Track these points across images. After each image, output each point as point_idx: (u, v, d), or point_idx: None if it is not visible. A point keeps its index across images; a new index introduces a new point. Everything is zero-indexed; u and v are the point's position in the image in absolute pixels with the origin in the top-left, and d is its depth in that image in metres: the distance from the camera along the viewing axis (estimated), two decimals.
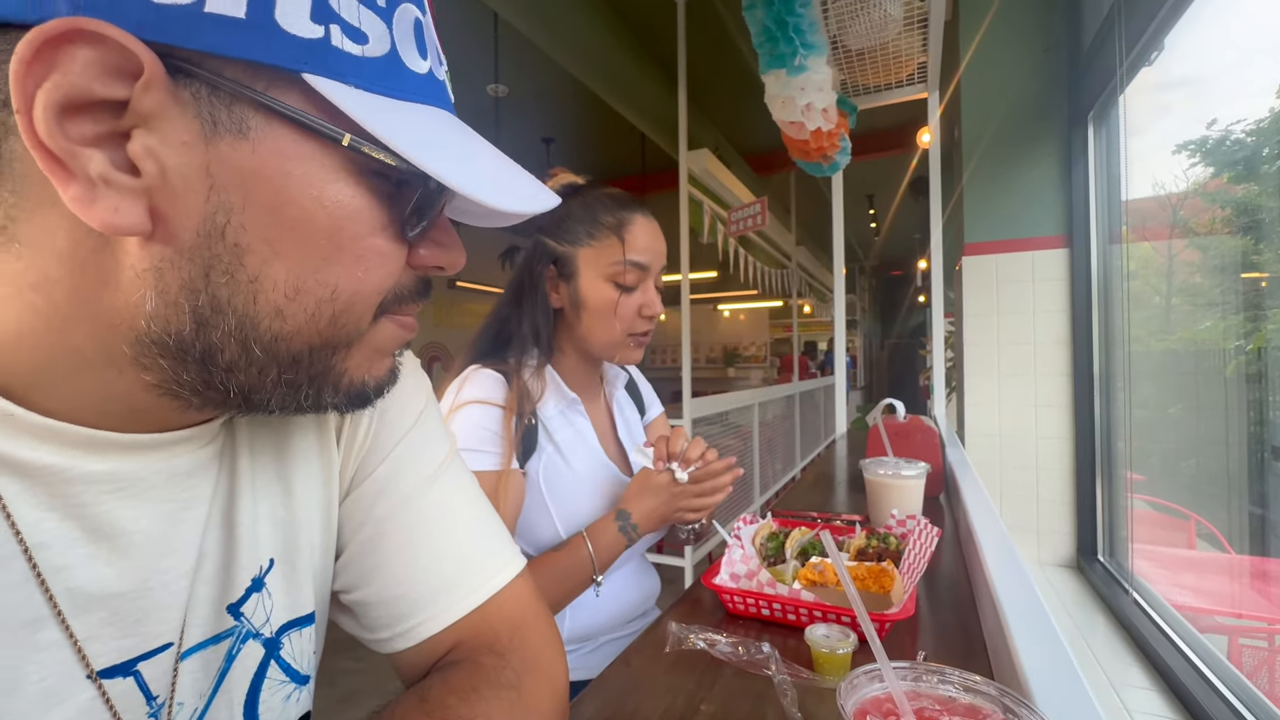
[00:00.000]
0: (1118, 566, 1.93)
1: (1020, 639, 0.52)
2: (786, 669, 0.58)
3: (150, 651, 0.33)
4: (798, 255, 5.66)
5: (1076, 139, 2.03)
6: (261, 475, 0.40)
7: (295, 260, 0.29)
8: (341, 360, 0.33)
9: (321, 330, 0.31)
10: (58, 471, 0.29)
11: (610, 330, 0.87)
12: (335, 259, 0.30)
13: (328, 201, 0.29)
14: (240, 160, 0.27)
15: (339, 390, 0.34)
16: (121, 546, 0.32)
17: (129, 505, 0.32)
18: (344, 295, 0.31)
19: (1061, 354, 2.08)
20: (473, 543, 0.47)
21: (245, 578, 0.38)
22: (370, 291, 0.32)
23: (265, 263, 0.29)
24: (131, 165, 0.26)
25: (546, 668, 0.45)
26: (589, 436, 0.91)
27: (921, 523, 0.73)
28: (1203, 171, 1.76)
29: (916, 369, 9.48)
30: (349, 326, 0.32)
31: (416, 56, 0.31)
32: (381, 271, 0.32)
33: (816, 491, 1.47)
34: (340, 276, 0.30)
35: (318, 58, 0.27)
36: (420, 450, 0.47)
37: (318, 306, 0.30)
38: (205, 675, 0.36)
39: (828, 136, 1.69)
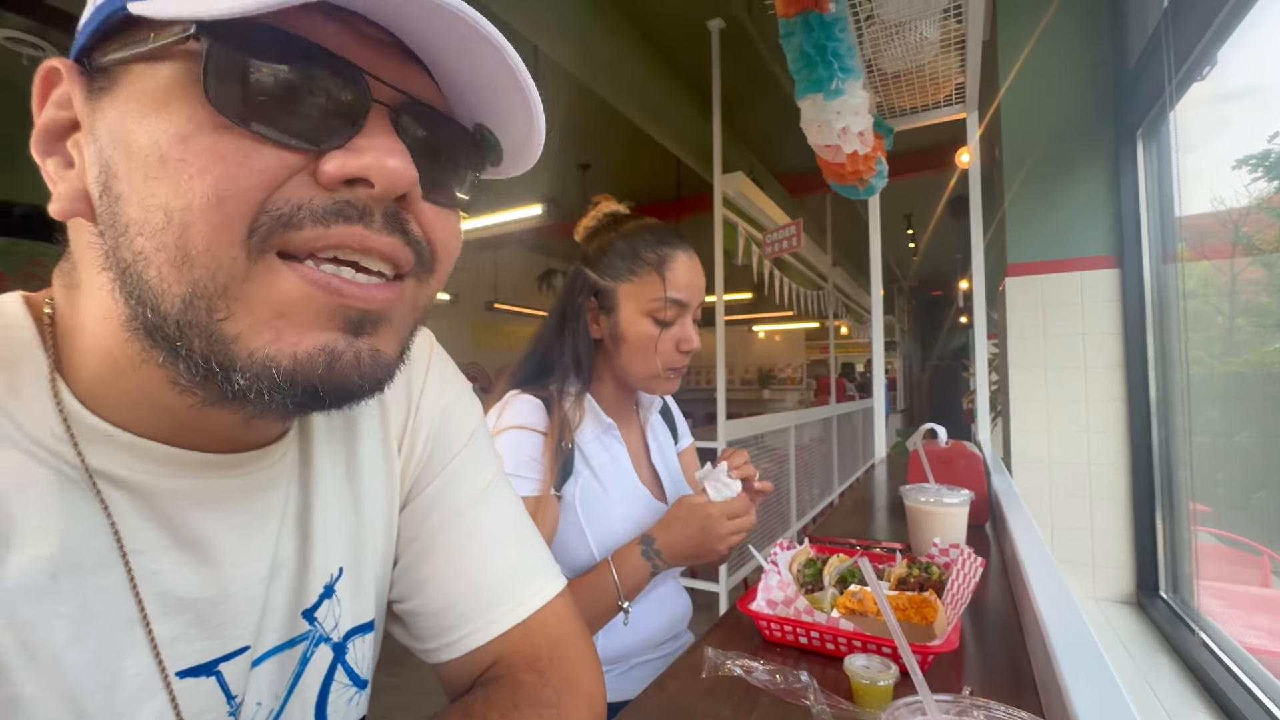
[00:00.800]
0: (1182, 604, 1.81)
1: (1072, 677, 0.50)
2: (825, 699, 0.57)
3: (230, 654, 0.35)
4: (834, 276, 5.60)
5: (1125, 156, 1.97)
6: (334, 488, 0.42)
7: (136, 194, 0.27)
8: (227, 322, 0.27)
9: (180, 271, 0.26)
10: (149, 486, 0.32)
11: (649, 364, 0.89)
12: (160, 174, 0.26)
13: (150, 113, 0.27)
14: (110, 116, 0.28)
15: (245, 370, 0.28)
16: (205, 554, 0.34)
17: (210, 516, 0.34)
18: (176, 215, 0.26)
19: (1115, 378, 1.99)
20: (518, 559, 0.48)
21: (318, 584, 0.40)
22: (202, 202, 0.26)
23: (126, 208, 0.27)
24: (69, 159, 0.30)
25: (586, 687, 0.46)
26: (624, 461, 0.93)
27: (965, 552, 0.71)
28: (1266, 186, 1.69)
29: (959, 392, 9.19)
30: (205, 259, 0.26)
31: None
32: (213, 174, 0.26)
33: (855, 517, 1.44)
34: (168, 194, 0.26)
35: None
36: (473, 467, 0.49)
37: (160, 239, 0.26)
38: (281, 677, 0.38)
39: (864, 160, 1.69)
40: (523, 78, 0.30)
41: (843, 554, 0.87)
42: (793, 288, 4.28)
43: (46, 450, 0.30)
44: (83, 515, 0.30)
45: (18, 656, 0.28)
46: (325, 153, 0.28)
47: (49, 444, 0.30)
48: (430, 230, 0.32)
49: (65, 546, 0.29)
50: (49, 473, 0.30)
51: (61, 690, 0.28)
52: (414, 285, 0.33)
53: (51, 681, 0.28)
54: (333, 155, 0.28)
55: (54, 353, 0.31)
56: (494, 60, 0.30)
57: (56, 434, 0.30)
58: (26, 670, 0.28)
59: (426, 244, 0.32)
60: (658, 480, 0.98)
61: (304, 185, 0.28)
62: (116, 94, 0.28)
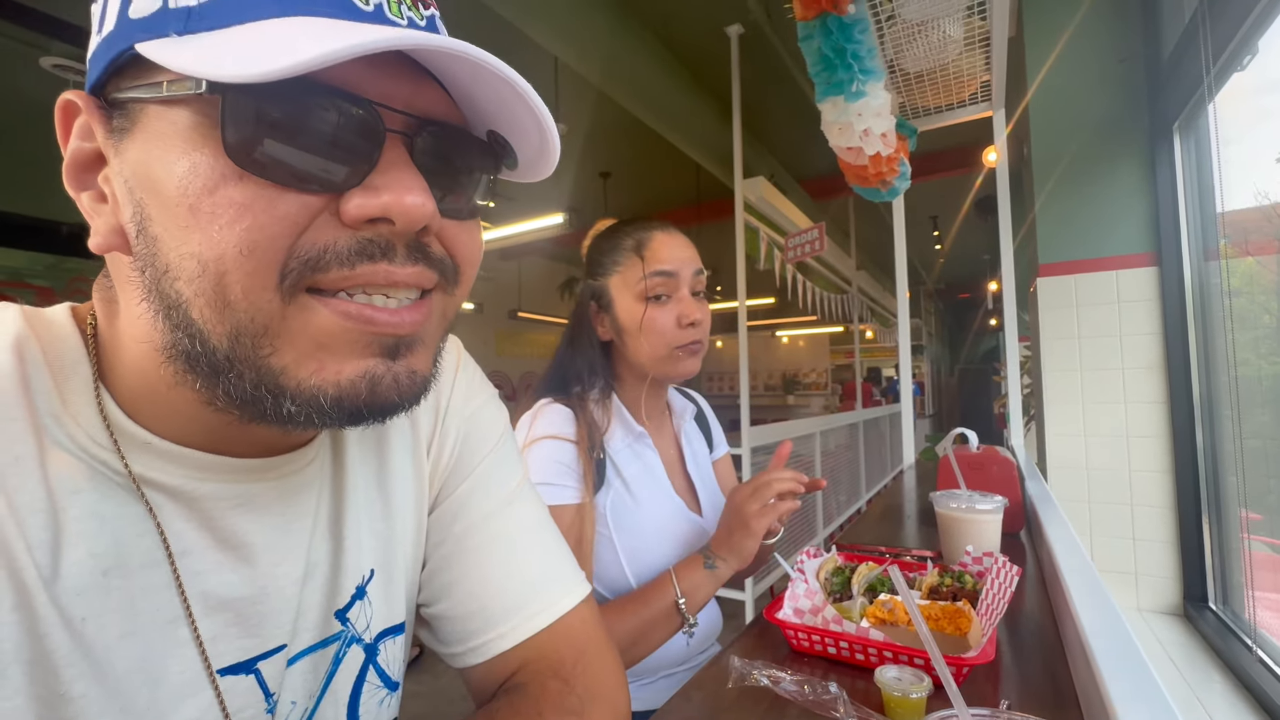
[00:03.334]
0: (1233, 616, 1.73)
1: (1117, 691, 0.48)
2: (855, 711, 0.55)
3: (268, 652, 0.36)
4: (858, 280, 5.53)
5: (1161, 152, 1.91)
6: (365, 491, 0.43)
7: (172, 239, 0.28)
8: (271, 356, 0.29)
9: (220, 314, 0.28)
10: (189, 490, 0.34)
11: (655, 347, 0.88)
12: (191, 224, 0.27)
13: (174, 162, 0.27)
14: (133, 156, 0.29)
15: (290, 397, 0.29)
16: (244, 555, 0.36)
17: (248, 518, 0.36)
18: (211, 264, 0.27)
19: (1155, 380, 1.92)
20: (543, 565, 0.49)
21: (350, 585, 0.41)
22: (234, 252, 0.27)
23: (166, 251, 0.28)
24: (101, 194, 0.31)
25: (610, 696, 0.45)
26: (657, 471, 0.91)
27: (1000, 560, 0.69)
28: None
29: (990, 396, 8.97)
30: (243, 304, 0.28)
31: None
32: (240, 225, 0.27)
33: (884, 525, 1.41)
34: (200, 243, 0.27)
35: (153, 26, 0.27)
36: (499, 473, 0.49)
37: (200, 288, 0.27)
38: (314, 676, 0.39)
39: (886, 161, 1.66)
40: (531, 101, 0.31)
41: (872, 562, 0.85)
42: (816, 292, 4.24)
43: (93, 457, 0.31)
44: (130, 517, 0.32)
45: (70, 654, 0.29)
46: (345, 191, 0.28)
47: (95, 451, 0.31)
48: (452, 246, 0.34)
49: (116, 546, 0.31)
50: (97, 477, 0.31)
51: (110, 687, 0.29)
52: (441, 298, 0.34)
53: (102, 678, 0.29)
54: (353, 195, 0.28)
55: (97, 363, 0.33)
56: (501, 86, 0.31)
57: (101, 441, 0.32)
58: (76, 668, 0.29)
59: (450, 260, 0.34)
60: (692, 490, 0.97)
61: (328, 226, 0.29)
62: (136, 135, 0.29)
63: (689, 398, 1.11)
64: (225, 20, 0.26)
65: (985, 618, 0.66)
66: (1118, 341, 1.98)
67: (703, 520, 0.93)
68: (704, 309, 0.91)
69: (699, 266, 0.91)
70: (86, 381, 0.32)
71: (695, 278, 0.91)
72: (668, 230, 0.92)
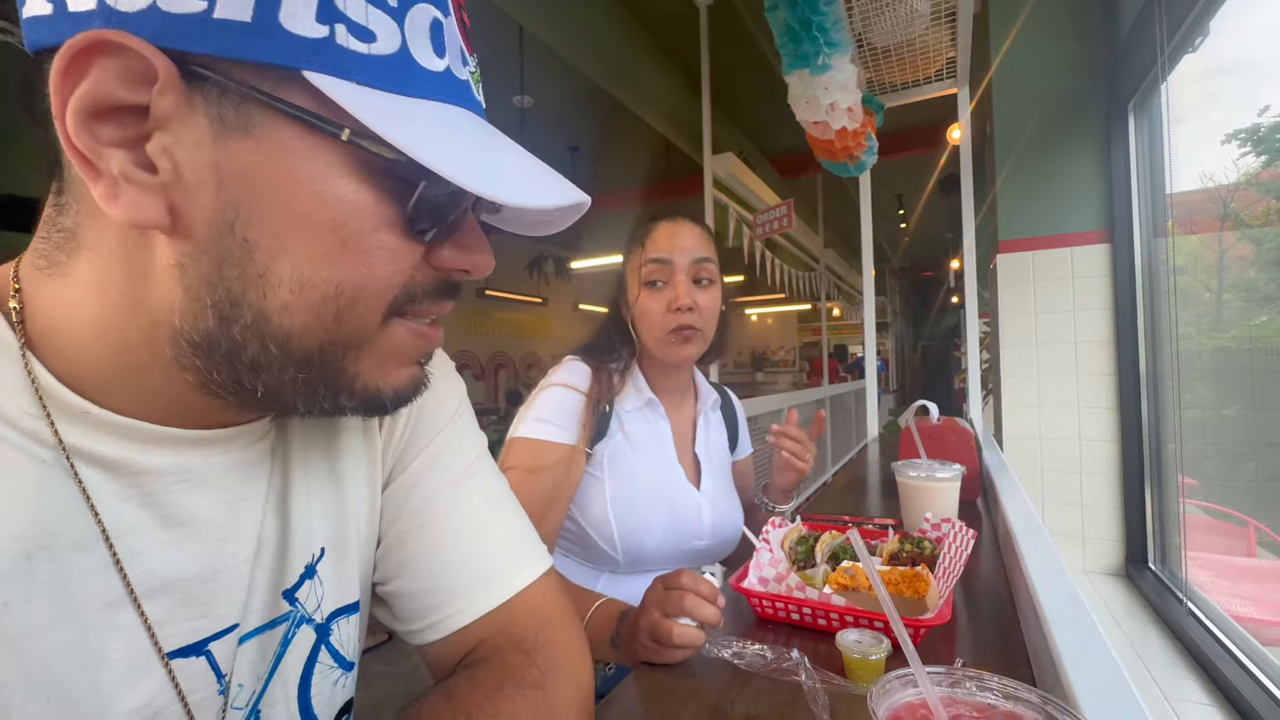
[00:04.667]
0: (1170, 575, 1.83)
1: (1065, 647, 0.49)
2: (816, 675, 0.56)
3: (219, 632, 0.35)
4: (826, 257, 5.59)
5: (1116, 130, 1.96)
6: (314, 468, 0.41)
7: (300, 255, 0.29)
8: (353, 363, 0.33)
9: (328, 328, 0.31)
10: (130, 464, 0.32)
11: (650, 330, 0.93)
12: (339, 254, 0.30)
13: (330, 196, 0.29)
14: (246, 157, 0.28)
15: (354, 394, 0.33)
16: (191, 533, 0.34)
17: (195, 494, 0.34)
18: (348, 291, 0.31)
19: (1105, 353, 2.00)
20: (502, 539, 0.47)
21: (299, 564, 0.40)
22: (376, 289, 0.31)
23: (272, 258, 0.29)
24: (150, 164, 0.28)
25: (572, 666, 0.45)
26: (664, 437, 0.96)
27: (957, 525, 0.71)
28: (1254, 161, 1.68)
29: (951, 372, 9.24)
30: (354, 325, 0.32)
31: (431, 55, 0.31)
32: (389, 268, 0.31)
33: (848, 495, 1.44)
34: (344, 272, 0.30)
35: (322, 56, 0.28)
36: (454, 447, 0.48)
37: (323, 303, 0.30)
38: (262, 659, 0.38)
39: (853, 136, 1.66)
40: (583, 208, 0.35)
41: (835, 530, 0.87)
42: (785, 269, 4.27)
43: (17, 429, 0.29)
44: (58, 494, 0.30)
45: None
46: (434, 246, 0.34)
47: (20, 420, 0.29)
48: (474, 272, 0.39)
49: (40, 526, 0.29)
50: (19, 452, 0.29)
51: (35, 674, 0.28)
52: None
53: (25, 666, 0.28)
54: (445, 250, 0.34)
55: (23, 329, 0.31)
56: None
57: (29, 409, 0.30)
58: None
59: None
60: (696, 467, 0.99)
61: (422, 268, 0.34)
62: (255, 137, 0.28)
63: (729, 396, 1.16)
64: (398, 84, 0.30)
65: (943, 580, 0.67)
66: (1071, 317, 2.05)
67: (698, 494, 0.95)
68: (703, 295, 0.93)
69: (701, 255, 0.93)
70: (10, 348, 0.30)
71: (694, 265, 0.93)
72: (674, 221, 0.96)
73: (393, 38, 0.29)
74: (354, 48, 0.28)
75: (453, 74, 0.33)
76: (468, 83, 0.34)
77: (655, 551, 0.90)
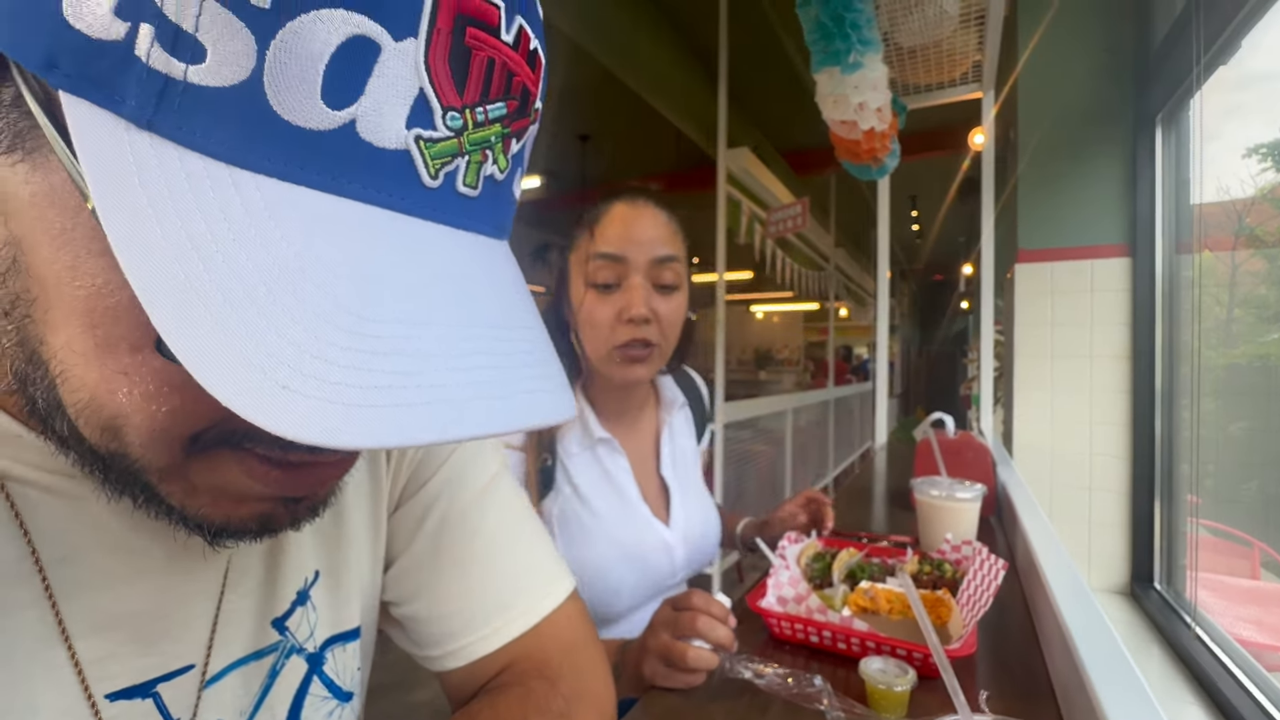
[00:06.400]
0: (1175, 595, 1.82)
1: (1103, 688, 0.48)
2: (839, 704, 0.55)
3: (170, 673, 0.32)
4: (836, 257, 5.54)
5: (1143, 143, 1.92)
6: None
7: (62, 338, 0.21)
8: (158, 483, 0.25)
9: (106, 440, 0.23)
10: (72, 488, 0.28)
11: (592, 342, 0.75)
12: (95, 359, 0.21)
13: (82, 279, 0.20)
14: (16, 187, 0.21)
15: (186, 518, 0.26)
16: (141, 563, 0.30)
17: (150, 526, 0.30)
18: (105, 410, 0.22)
19: (1120, 369, 1.97)
20: (526, 561, 0.45)
21: (290, 591, 0.37)
22: (142, 422, 0.22)
23: (45, 331, 0.22)
24: None
25: (596, 695, 0.43)
26: (620, 478, 0.79)
27: (983, 552, 0.69)
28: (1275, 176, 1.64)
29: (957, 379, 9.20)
30: (130, 448, 0.23)
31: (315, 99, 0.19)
32: (157, 405, 0.21)
33: (858, 507, 1.42)
34: (97, 385, 0.21)
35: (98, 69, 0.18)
36: (472, 464, 0.46)
37: (83, 409, 0.22)
38: (247, 692, 0.35)
39: (879, 138, 1.63)
40: None
41: (852, 548, 0.85)
42: (794, 268, 4.23)
43: None
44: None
45: None
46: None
47: None
48: None
49: None
50: None
51: None
52: None
53: None
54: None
55: None
56: None
57: None
58: None
59: None
60: (664, 495, 0.84)
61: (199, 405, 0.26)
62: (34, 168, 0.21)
63: (691, 381, 0.97)
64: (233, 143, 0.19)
65: (967, 609, 0.66)
66: (1089, 331, 2.02)
67: (668, 532, 0.81)
68: (664, 303, 0.74)
69: (664, 252, 0.74)
70: None
71: (655, 265, 0.74)
72: (633, 203, 0.75)
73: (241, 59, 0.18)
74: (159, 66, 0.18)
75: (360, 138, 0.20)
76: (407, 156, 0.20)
77: (626, 610, 0.78)
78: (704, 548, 0.86)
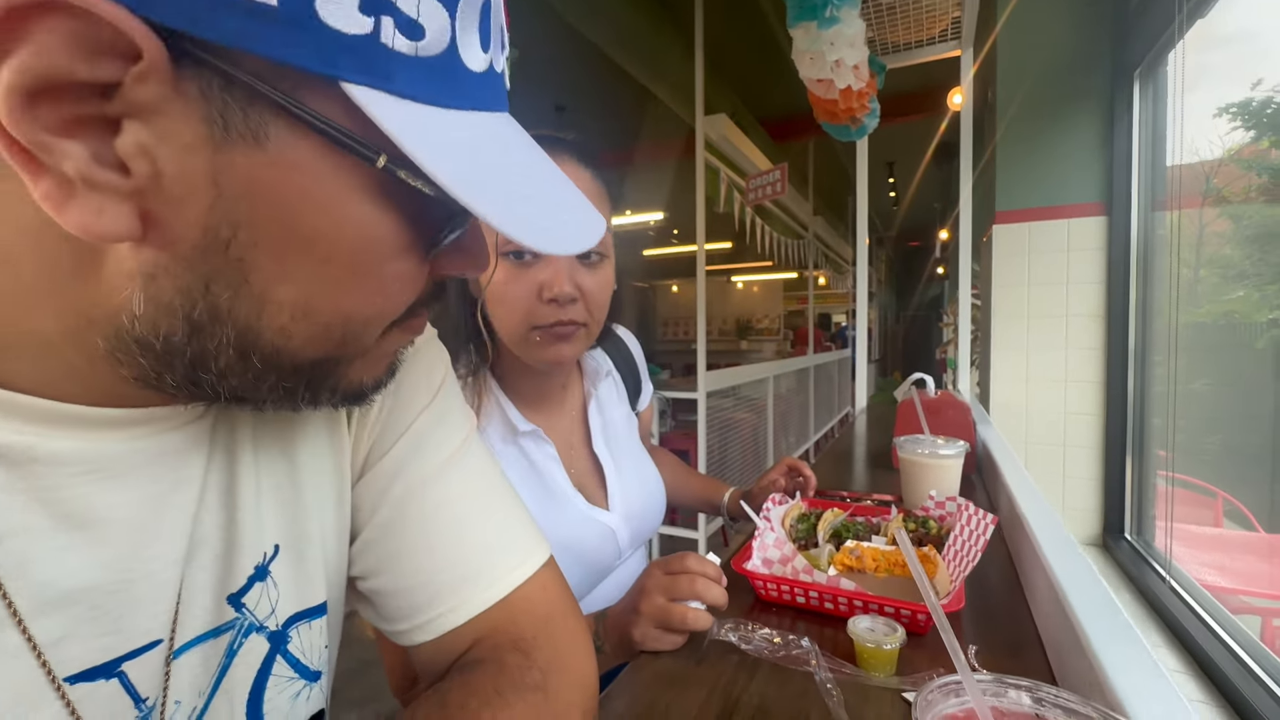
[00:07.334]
0: (1145, 545, 1.88)
1: (1095, 635, 0.47)
2: (828, 664, 0.54)
3: (136, 650, 0.30)
4: (815, 225, 5.52)
5: (1121, 98, 1.91)
6: (265, 454, 0.36)
7: (307, 283, 0.26)
8: (345, 369, 0.31)
9: (329, 349, 0.29)
10: (20, 451, 0.26)
11: (506, 321, 0.65)
12: (350, 285, 0.27)
13: (349, 226, 0.26)
14: (253, 171, 0.23)
15: (336, 392, 0.31)
16: (98, 535, 0.28)
17: (107, 489, 0.28)
18: (358, 320, 0.28)
19: (1095, 327, 2.00)
20: (497, 529, 0.43)
21: (247, 565, 0.35)
22: (388, 315, 0.30)
23: (273, 281, 0.25)
24: (120, 162, 0.22)
25: (575, 666, 0.41)
26: (547, 468, 0.71)
27: (970, 508, 0.68)
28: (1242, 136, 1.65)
29: (932, 343, 9.33)
30: (358, 345, 0.30)
31: (477, 49, 0.27)
32: (403, 296, 0.30)
33: (841, 468, 1.42)
34: (356, 303, 0.28)
35: (360, 59, 0.23)
36: (439, 428, 0.43)
37: (327, 329, 0.28)
38: (205, 671, 0.33)
39: (857, 96, 1.59)
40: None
41: (836, 508, 0.84)
42: (774, 236, 4.21)
43: None
44: None
45: None
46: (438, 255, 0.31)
47: None
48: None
49: None
50: None
51: None
52: None
53: None
54: (447, 257, 0.31)
55: None
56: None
57: None
58: None
59: None
60: (599, 475, 0.78)
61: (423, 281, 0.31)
62: (274, 155, 0.23)
63: (618, 342, 0.89)
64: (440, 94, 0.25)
65: (954, 565, 0.65)
66: (1064, 290, 2.03)
67: (608, 515, 0.75)
68: (590, 277, 0.66)
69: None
70: None
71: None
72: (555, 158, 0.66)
73: (443, 33, 0.25)
74: (399, 48, 0.23)
75: (493, 70, 0.28)
76: (503, 75, 0.30)
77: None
78: (648, 518, 0.81)
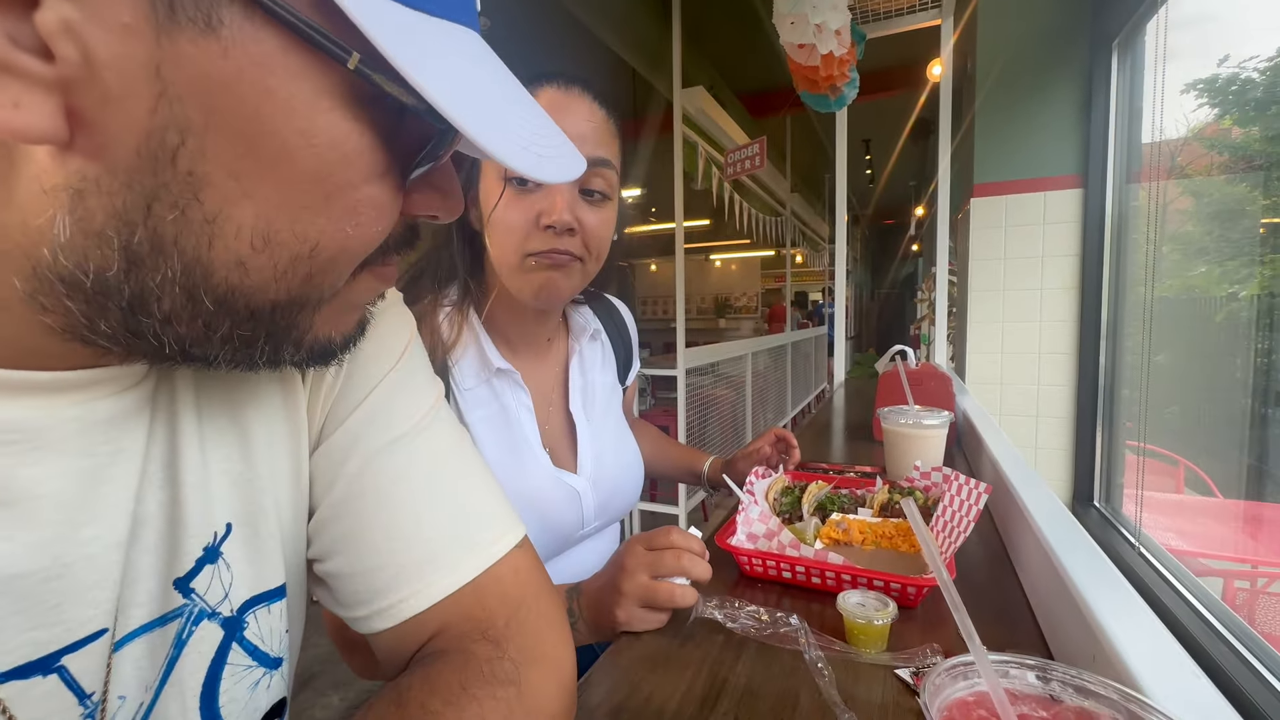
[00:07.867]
0: (1113, 512, 1.92)
1: (1089, 593, 0.46)
2: (817, 641, 0.52)
3: (77, 642, 0.27)
4: (792, 202, 5.50)
5: (1099, 69, 1.90)
6: (211, 423, 0.32)
7: (268, 204, 0.23)
8: (309, 317, 0.28)
9: (292, 288, 0.26)
10: None
11: (501, 246, 0.63)
12: (320, 209, 0.24)
13: (318, 136, 0.23)
14: (205, 64, 0.21)
15: (300, 346, 0.28)
16: (24, 515, 0.25)
17: (31, 463, 0.25)
18: (326, 252, 0.25)
19: (1070, 300, 2.01)
20: (463, 507, 0.39)
21: (195, 547, 0.31)
22: (358, 249, 0.27)
23: (229, 202, 0.22)
24: (41, 44, 0.19)
25: (551, 655, 0.38)
26: (519, 415, 0.68)
27: (959, 478, 0.67)
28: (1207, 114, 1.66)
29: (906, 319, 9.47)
30: (324, 285, 0.27)
31: None
32: (376, 227, 0.27)
33: (820, 442, 1.41)
34: (324, 231, 0.25)
35: None
36: (401, 396, 0.39)
37: (291, 263, 0.25)
38: (151, 664, 0.30)
39: (838, 64, 1.55)
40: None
41: (820, 480, 0.83)
42: (752, 213, 4.17)
43: None
44: None
45: None
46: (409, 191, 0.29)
47: None
48: None
49: None
50: None
51: None
52: None
53: None
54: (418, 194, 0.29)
55: None
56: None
57: None
58: None
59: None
60: (572, 434, 0.74)
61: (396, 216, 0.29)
62: (228, 46, 0.21)
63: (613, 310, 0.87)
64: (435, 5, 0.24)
65: (944, 536, 0.64)
66: (1040, 263, 2.04)
67: (575, 478, 0.71)
68: (591, 214, 0.64)
69: (598, 155, 0.63)
70: None
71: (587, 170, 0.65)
72: (566, 89, 0.63)
73: None
74: None
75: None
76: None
77: None
78: (620, 493, 0.77)
